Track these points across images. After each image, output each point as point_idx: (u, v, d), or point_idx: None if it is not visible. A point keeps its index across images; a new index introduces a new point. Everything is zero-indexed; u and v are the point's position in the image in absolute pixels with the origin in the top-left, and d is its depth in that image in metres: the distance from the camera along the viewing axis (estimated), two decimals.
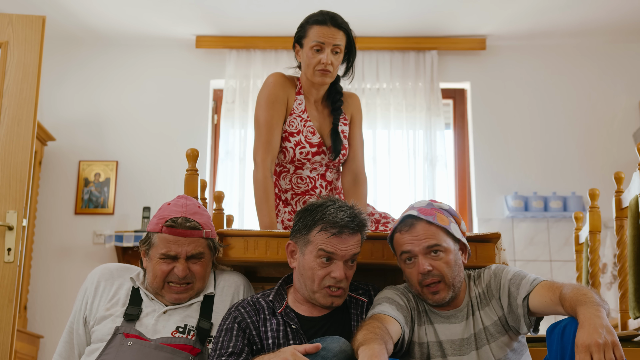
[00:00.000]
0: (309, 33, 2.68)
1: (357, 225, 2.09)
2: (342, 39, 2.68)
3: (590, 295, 1.83)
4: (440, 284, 2.03)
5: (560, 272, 5.10)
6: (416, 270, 2.04)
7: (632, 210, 2.90)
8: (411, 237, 2.05)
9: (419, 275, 2.04)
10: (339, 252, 2.05)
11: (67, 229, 5.21)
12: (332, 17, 2.68)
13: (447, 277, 2.03)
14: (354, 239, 2.08)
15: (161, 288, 2.20)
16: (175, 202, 2.23)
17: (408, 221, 2.07)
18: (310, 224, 2.08)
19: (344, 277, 2.06)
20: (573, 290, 1.86)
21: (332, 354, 1.83)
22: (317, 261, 2.06)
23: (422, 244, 2.03)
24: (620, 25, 5.27)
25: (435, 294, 2.04)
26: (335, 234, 2.05)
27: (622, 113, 5.42)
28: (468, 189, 5.41)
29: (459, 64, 5.52)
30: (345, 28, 2.69)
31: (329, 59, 2.65)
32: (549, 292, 1.94)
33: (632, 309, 2.85)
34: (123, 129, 5.40)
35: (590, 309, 1.76)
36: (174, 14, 5.14)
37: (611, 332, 1.70)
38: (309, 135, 2.72)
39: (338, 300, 2.09)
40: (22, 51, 3.13)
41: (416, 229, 2.05)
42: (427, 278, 2.03)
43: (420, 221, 2.06)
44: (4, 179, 3.01)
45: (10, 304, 2.90)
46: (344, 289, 2.08)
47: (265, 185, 2.62)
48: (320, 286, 2.07)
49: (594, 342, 1.67)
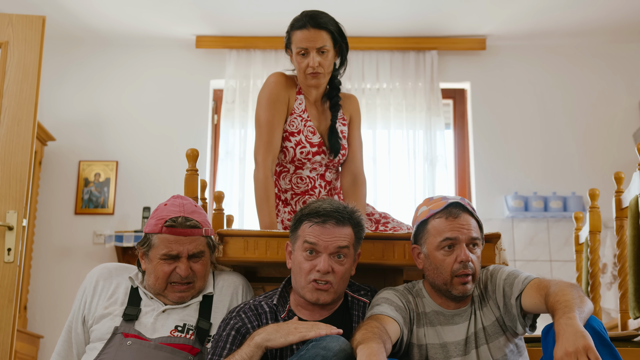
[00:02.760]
0: (292, 39, 2.66)
1: (343, 216, 2.06)
2: (325, 39, 2.63)
3: (567, 298, 1.84)
4: (470, 276, 2.04)
5: (560, 272, 5.10)
6: (453, 258, 2.03)
7: (632, 210, 2.90)
8: (458, 225, 2.04)
9: (455, 264, 2.03)
10: (321, 242, 2.04)
11: (67, 229, 5.21)
12: (311, 18, 2.62)
13: (477, 271, 2.06)
14: (340, 231, 2.06)
15: (164, 289, 2.20)
16: (172, 202, 2.23)
17: (454, 210, 2.06)
18: (298, 219, 2.10)
19: (328, 269, 2.03)
20: (554, 294, 1.87)
21: (332, 354, 1.82)
22: (303, 254, 2.06)
23: (469, 234, 2.04)
24: (620, 25, 5.27)
25: (464, 284, 2.04)
26: (318, 223, 2.04)
27: (622, 113, 5.42)
28: (468, 189, 5.41)
29: (459, 64, 5.52)
30: (326, 27, 2.63)
31: (316, 62, 2.62)
32: (536, 293, 1.96)
33: (632, 309, 2.85)
34: (123, 129, 5.40)
35: (562, 318, 1.77)
36: (174, 14, 5.14)
37: (582, 336, 1.71)
38: (309, 135, 2.72)
39: (325, 296, 2.06)
40: (22, 51, 3.13)
41: (464, 218, 2.06)
42: (463, 268, 2.03)
43: (467, 212, 2.07)
44: (4, 179, 3.01)
45: (10, 304, 2.90)
46: (332, 285, 2.05)
47: (265, 185, 2.62)
48: (307, 280, 2.05)
49: (564, 352, 1.70)
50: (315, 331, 1.89)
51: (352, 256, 2.11)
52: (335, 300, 2.12)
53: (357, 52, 5.37)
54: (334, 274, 2.05)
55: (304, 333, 1.89)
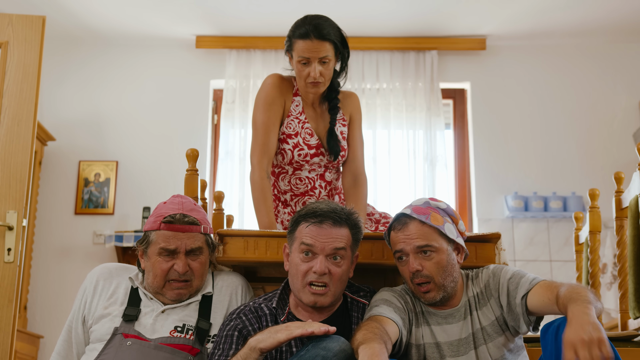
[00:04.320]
0: (295, 47, 2.63)
1: (340, 217, 2.06)
2: (328, 50, 2.61)
3: (584, 293, 1.83)
4: (430, 284, 2.04)
5: (560, 272, 5.10)
6: (407, 268, 2.06)
7: (632, 210, 2.90)
8: (403, 236, 2.05)
9: (410, 274, 2.05)
10: (317, 244, 2.03)
11: (67, 229, 5.21)
12: (315, 28, 2.58)
13: (437, 278, 2.03)
14: (337, 232, 2.05)
15: (162, 287, 2.20)
16: (171, 201, 2.25)
17: (402, 219, 2.07)
18: (295, 221, 2.10)
19: (324, 271, 2.02)
20: (568, 290, 1.86)
21: (332, 354, 1.82)
22: (300, 256, 2.06)
23: (413, 244, 2.03)
24: (620, 25, 5.27)
25: (426, 293, 2.05)
26: (315, 224, 2.04)
27: (622, 113, 5.42)
28: (468, 189, 5.41)
29: (459, 64, 5.52)
30: (329, 38, 2.60)
31: (317, 72, 2.61)
32: (547, 292, 1.94)
33: (632, 309, 2.85)
34: (123, 129, 5.40)
35: (579, 306, 1.76)
36: (174, 14, 5.14)
37: (598, 328, 1.69)
38: (307, 137, 2.72)
39: (322, 299, 2.05)
40: (22, 51, 3.13)
41: (409, 228, 2.05)
42: (416, 277, 2.04)
43: (413, 220, 2.05)
44: (4, 179, 3.01)
45: (10, 304, 2.90)
46: (328, 287, 2.04)
47: (262, 186, 2.62)
48: (303, 283, 2.05)
49: (579, 338, 1.67)
50: (302, 328, 1.86)
51: (349, 258, 2.10)
52: (334, 303, 2.12)
53: (357, 52, 5.37)
54: (330, 275, 2.04)
55: (292, 330, 1.87)
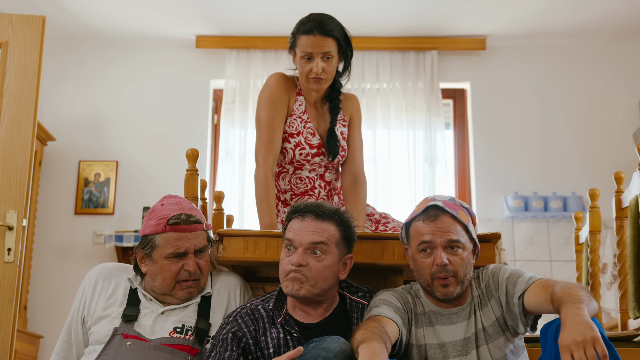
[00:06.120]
0: (298, 42, 2.66)
1: (324, 212, 2.06)
2: (331, 46, 2.63)
3: (575, 293, 1.83)
4: (452, 278, 2.02)
5: (560, 272, 5.10)
6: (431, 261, 2.02)
7: (632, 210, 2.90)
8: (434, 228, 2.03)
9: (433, 267, 2.02)
10: (296, 238, 2.04)
11: (67, 229, 5.21)
12: (319, 24, 2.61)
13: (460, 273, 2.03)
14: (318, 226, 2.05)
15: (172, 289, 2.20)
16: (168, 202, 2.24)
17: (432, 212, 2.05)
18: (286, 219, 2.12)
19: (300, 262, 2.02)
20: (561, 290, 1.86)
21: (332, 354, 1.82)
22: (284, 251, 2.07)
23: (444, 237, 2.02)
24: (620, 25, 5.27)
25: (445, 287, 2.02)
26: (298, 217, 2.06)
27: (622, 113, 5.42)
28: (468, 189, 5.41)
29: (459, 64, 5.52)
30: (333, 34, 2.63)
31: (320, 68, 2.63)
32: (542, 291, 1.94)
33: (632, 309, 2.85)
34: (123, 129, 5.40)
35: (570, 307, 1.76)
36: (174, 14, 5.14)
37: (591, 327, 1.70)
38: (309, 136, 2.72)
39: (298, 286, 2.02)
40: (22, 51, 3.13)
41: (441, 220, 2.03)
42: (441, 271, 2.01)
43: (445, 214, 2.04)
44: (4, 179, 3.01)
45: (10, 304, 2.90)
46: (306, 278, 2.02)
47: (266, 185, 2.62)
48: (284, 274, 2.05)
49: (573, 340, 1.68)
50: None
51: (333, 255, 2.07)
52: (320, 300, 2.09)
53: (357, 52, 5.31)
54: (309, 268, 2.03)
55: None
